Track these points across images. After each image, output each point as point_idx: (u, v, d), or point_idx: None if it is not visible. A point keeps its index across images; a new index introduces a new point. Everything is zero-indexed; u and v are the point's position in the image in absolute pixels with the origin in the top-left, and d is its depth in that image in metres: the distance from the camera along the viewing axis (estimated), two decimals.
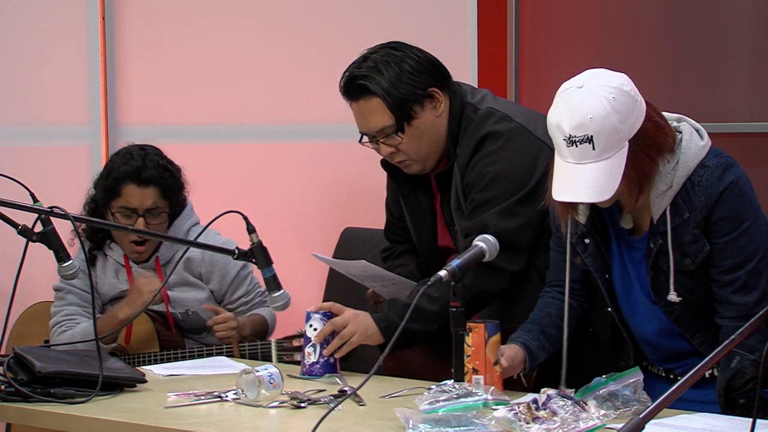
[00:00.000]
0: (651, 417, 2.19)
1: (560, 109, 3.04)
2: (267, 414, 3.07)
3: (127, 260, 4.27)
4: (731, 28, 5.20)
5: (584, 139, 2.99)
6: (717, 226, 3.12)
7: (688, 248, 3.13)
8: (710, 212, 3.11)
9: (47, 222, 3.21)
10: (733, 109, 5.19)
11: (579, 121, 2.99)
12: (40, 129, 4.74)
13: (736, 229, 3.12)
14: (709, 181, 3.11)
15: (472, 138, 3.65)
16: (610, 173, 3.01)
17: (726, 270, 3.13)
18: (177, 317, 4.25)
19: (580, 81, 3.05)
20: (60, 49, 4.73)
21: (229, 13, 4.87)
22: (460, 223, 3.68)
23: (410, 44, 3.72)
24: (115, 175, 4.17)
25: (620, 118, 3.00)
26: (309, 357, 3.47)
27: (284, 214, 4.89)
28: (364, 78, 3.64)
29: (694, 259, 3.14)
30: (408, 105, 3.63)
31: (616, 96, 3.01)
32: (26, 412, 3.13)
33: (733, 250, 3.12)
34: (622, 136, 3.01)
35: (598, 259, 3.27)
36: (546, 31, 5.47)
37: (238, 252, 3.31)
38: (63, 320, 4.23)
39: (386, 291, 3.78)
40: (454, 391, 3.00)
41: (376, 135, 3.67)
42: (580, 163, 3.01)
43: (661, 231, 3.14)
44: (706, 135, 3.19)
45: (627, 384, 2.96)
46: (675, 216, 3.12)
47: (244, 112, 4.89)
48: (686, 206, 3.12)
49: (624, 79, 3.08)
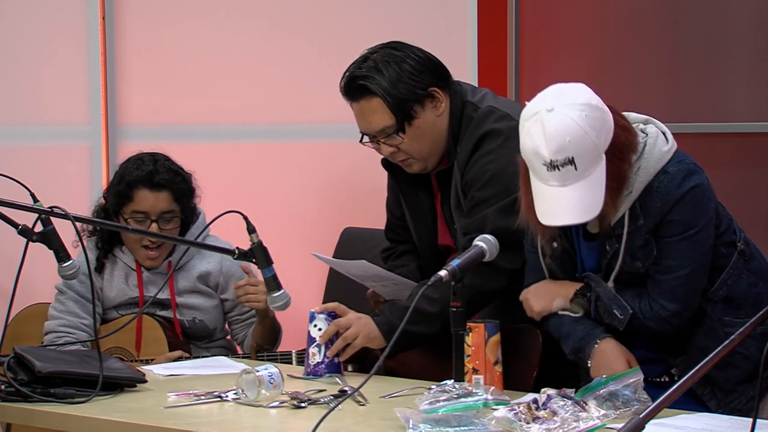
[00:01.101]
0: (651, 417, 2.19)
1: (534, 135, 3.02)
2: (267, 414, 3.07)
3: (138, 265, 4.25)
4: (731, 28, 5.20)
5: (566, 161, 2.99)
6: (665, 227, 3.16)
7: (638, 252, 3.18)
8: (663, 217, 3.14)
9: (47, 222, 3.21)
10: (733, 109, 5.19)
11: (558, 146, 2.99)
12: (40, 129, 4.74)
13: (682, 233, 3.16)
14: (668, 188, 3.14)
15: (472, 136, 3.65)
16: (594, 189, 3.03)
17: (660, 269, 3.18)
18: (184, 324, 4.25)
19: (548, 103, 3.03)
20: (60, 49, 4.73)
21: (229, 13, 4.87)
22: (459, 221, 3.68)
23: (410, 44, 3.72)
24: (127, 180, 4.17)
25: (596, 134, 3.01)
26: (313, 357, 3.47)
27: (284, 214, 4.89)
28: (365, 78, 3.64)
29: (645, 263, 3.18)
30: (408, 105, 3.63)
31: (588, 113, 3.02)
32: (26, 412, 3.13)
33: (672, 252, 3.17)
34: (600, 150, 3.03)
35: (567, 262, 3.30)
36: (546, 31, 5.47)
37: (239, 252, 3.31)
38: (61, 331, 4.21)
39: (386, 291, 3.78)
40: (454, 391, 3.00)
41: (376, 135, 3.67)
42: (564, 185, 3.01)
43: (617, 234, 3.17)
44: (671, 139, 3.20)
45: (627, 384, 2.96)
46: (630, 221, 3.15)
47: (244, 112, 4.89)
48: (642, 212, 3.15)
49: (588, 92, 3.08)
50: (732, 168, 5.03)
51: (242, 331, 4.33)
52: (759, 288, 3.27)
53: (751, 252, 3.31)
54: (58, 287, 4.26)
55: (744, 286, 3.26)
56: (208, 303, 4.28)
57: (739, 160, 3.15)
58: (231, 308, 4.32)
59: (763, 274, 3.30)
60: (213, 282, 4.28)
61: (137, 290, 4.23)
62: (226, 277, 4.28)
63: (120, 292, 4.25)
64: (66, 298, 4.24)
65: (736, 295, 3.25)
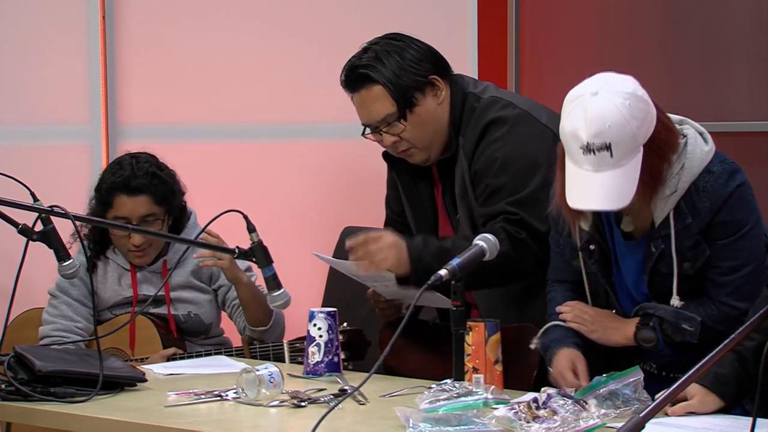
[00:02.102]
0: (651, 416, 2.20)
1: (576, 117, 3.00)
2: (267, 413, 3.07)
3: (132, 265, 4.25)
4: (731, 28, 5.20)
5: (603, 146, 2.97)
6: (717, 228, 3.13)
7: (688, 253, 3.14)
8: (714, 217, 3.12)
9: (47, 221, 3.21)
10: (733, 109, 5.19)
11: (597, 129, 2.97)
12: (40, 128, 4.74)
13: (736, 233, 3.13)
14: (715, 187, 3.11)
15: (477, 125, 3.67)
16: (627, 179, 3.00)
17: (723, 272, 3.15)
18: (179, 319, 4.24)
19: (593, 87, 3.03)
20: (60, 48, 4.73)
21: (229, 12, 4.87)
22: (464, 210, 3.68)
23: (410, 35, 3.74)
24: (105, 187, 4.16)
25: (637, 124, 2.99)
26: (313, 356, 3.47)
27: (284, 213, 4.89)
28: (366, 67, 3.66)
29: (694, 264, 3.15)
30: (410, 92, 3.65)
31: (632, 102, 3.00)
32: (26, 411, 3.13)
33: (731, 252, 3.14)
34: (639, 142, 3.01)
35: (604, 264, 3.27)
36: (546, 31, 5.47)
37: (239, 251, 3.31)
38: (56, 335, 4.19)
39: (387, 291, 3.78)
40: (454, 390, 3.00)
41: (378, 124, 3.69)
42: (598, 171, 2.99)
43: (663, 235, 3.14)
44: (710, 139, 3.18)
45: (627, 383, 2.96)
46: (677, 221, 3.13)
47: (244, 112, 4.89)
48: (689, 211, 3.12)
49: (635, 83, 3.07)
50: None
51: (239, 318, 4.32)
52: None
53: None
54: (51, 292, 4.25)
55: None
56: (202, 297, 4.28)
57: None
58: (222, 298, 4.31)
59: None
60: (206, 274, 4.28)
61: (131, 290, 4.22)
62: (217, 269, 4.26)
63: (114, 293, 4.24)
64: (59, 302, 4.23)
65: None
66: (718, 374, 2.92)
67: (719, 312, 3.16)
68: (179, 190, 4.25)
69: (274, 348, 4.01)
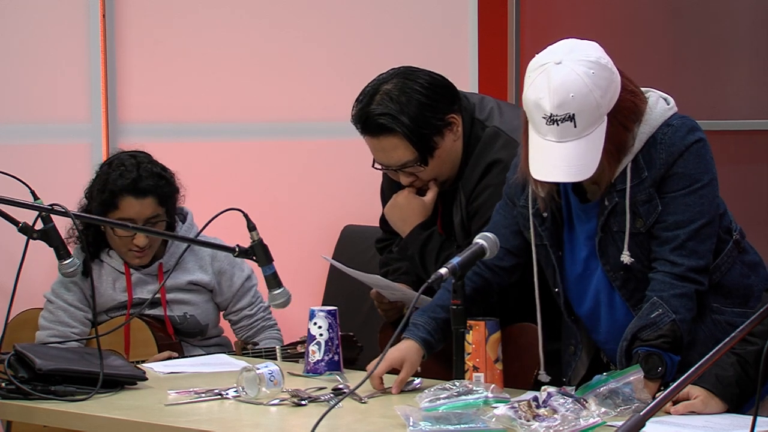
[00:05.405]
0: (651, 414, 2.20)
1: (539, 86, 2.99)
2: (267, 412, 3.07)
3: (127, 268, 4.21)
4: (731, 27, 5.21)
5: (566, 117, 2.96)
6: (671, 180, 3.09)
7: (640, 207, 3.10)
8: (669, 169, 3.08)
9: (48, 219, 3.21)
10: (733, 107, 5.20)
11: (560, 100, 2.96)
12: (40, 127, 4.74)
13: (687, 187, 3.09)
14: (673, 140, 3.08)
15: (478, 164, 3.67)
16: (591, 150, 2.99)
17: (668, 226, 3.09)
18: (175, 320, 4.22)
19: (556, 56, 3.01)
20: (60, 47, 4.73)
21: (230, 11, 4.87)
22: (462, 238, 3.68)
23: (417, 68, 3.70)
24: (111, 189, 4.09)
25: (601, 94, 2.98)
26: (313, 355, 3.46)
27: (284, 212, 4.89)
28: (383, 116, 3.62)
29: (646, 220, 3.10)
30: (431, 138, 3.64)
31: (596, 71, 2.99)
32: (27, 410, 3.13)
33: (679, 207, 3.09)
34: (602, 111, 3.00)
35: (554, 233, 3.23)
36: (546, 31, 5.47)
37: (239, 249, 3.31)
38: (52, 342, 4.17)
39: (395, 297, 3.79)
40: (454, 388, 3.00)
41: (397, 169, 3.68)
42: (560, 141, 2.98)
43: (618, 189, 3.10)
44: (672, 102, 3.16)
45: (627, 382, 2.96)
46: (634, 175, 3.09)
47: (244, 110, 4.89)
48: (646, 164, 3.09)
49: (600, 51, 3.05)
50: (732, 166, 5.03)
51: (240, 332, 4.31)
52: (751, 280, 3.22)
53: (745, 246, 3.29)
54: (47, 296, 4.22)
55: (736, 276, 3.21)
56: (198, 298, 4.26)
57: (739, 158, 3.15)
58: (223, 308, 4.30)
59: (756, 268, 3.26)
60: (208, 288, 4.27)
61: (125, 294, 4.20)
62: (218, 276, 4.26)
63: (108, 297, 4.20)
64: (55, 308, 4.20)
65: (728, 283, 3.19)
66: (720, 377, 2.92)
67: (663, 281, 3.06)
68: (178, 190, 4.24)
69: (266, 353, 3.99)
